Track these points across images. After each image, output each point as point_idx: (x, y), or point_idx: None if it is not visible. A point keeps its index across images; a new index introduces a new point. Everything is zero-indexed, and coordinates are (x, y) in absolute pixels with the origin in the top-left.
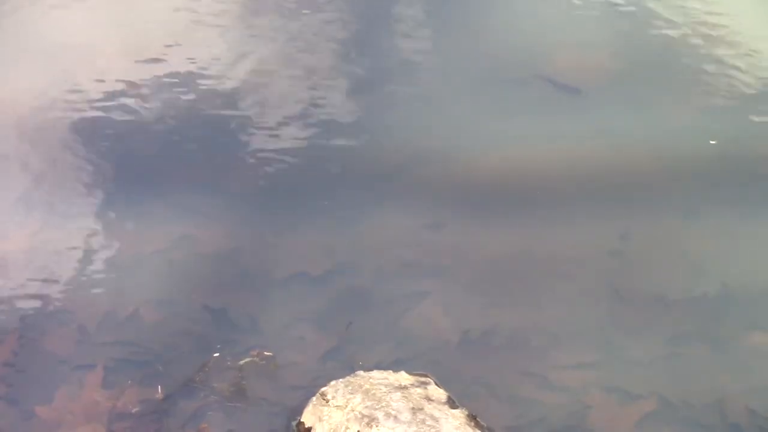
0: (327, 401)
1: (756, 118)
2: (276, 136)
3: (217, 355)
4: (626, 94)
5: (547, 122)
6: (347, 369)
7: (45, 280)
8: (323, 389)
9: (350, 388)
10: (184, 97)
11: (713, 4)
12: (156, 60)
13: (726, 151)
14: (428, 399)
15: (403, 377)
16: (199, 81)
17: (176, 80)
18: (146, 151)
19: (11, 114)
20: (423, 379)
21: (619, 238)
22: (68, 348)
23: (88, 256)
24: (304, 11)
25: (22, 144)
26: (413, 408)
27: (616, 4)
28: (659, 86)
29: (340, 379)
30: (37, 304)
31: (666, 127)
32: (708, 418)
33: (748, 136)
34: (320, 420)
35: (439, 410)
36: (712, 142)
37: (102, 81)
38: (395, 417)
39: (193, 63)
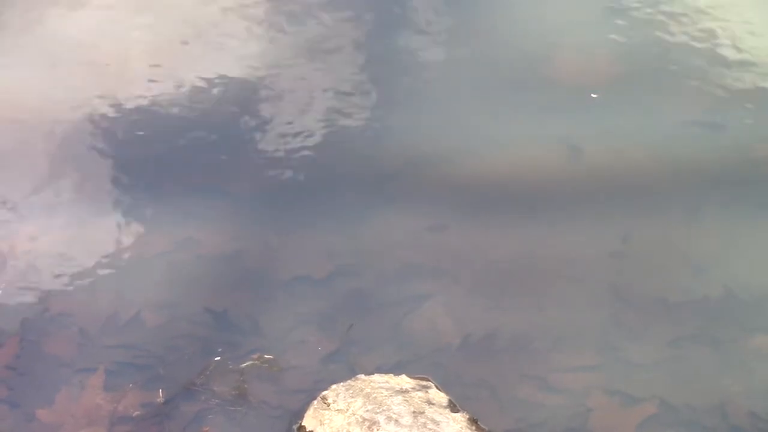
0: (328, 405)
1: (757, 120)
2: (278, 138)
3: (218, 358)
4: (628, 96)
5: (549, 125)
6: (348, 372)
7: (46, 283)
8: (324, 393)
9: (351, 391)
10: (187, 100)
11: (715, 6)
12: (161, 63)
13: (727, 152)
14: (429, 402)
15: (404, 381)
16: (203, 84)
17: (179, 83)
18: (148, 153)
19: (15, 116)
20: (424, 382)
21: (621, 241)
22: (70, 351)
23: (89, 258)
24: (312, 14)
25: (22, 147)
26: (414, 412)
27: (619, 7)
28: (661, 88)
29: (341, 383)
30: (38, 306)
31: (667, 129)
32: (710, 421)
33: (749, 137)
34: (321, 424)
35: (440, 414)
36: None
37: (104, 83)
38: (396, 421)
39: (198, 65)
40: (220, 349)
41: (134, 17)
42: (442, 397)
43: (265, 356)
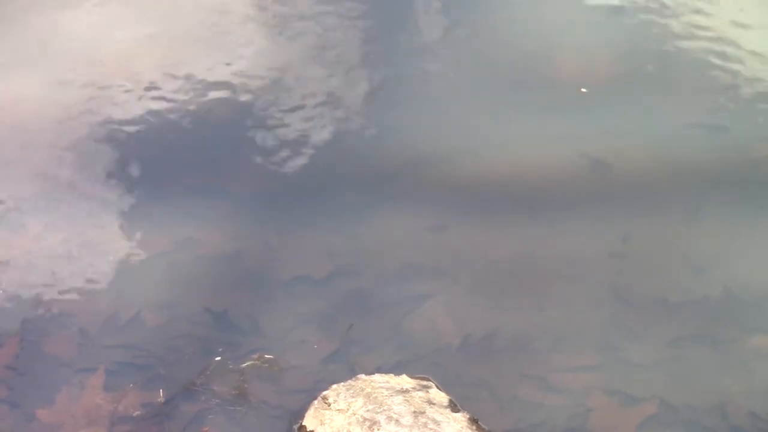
0: (329, 405)
1: (757, 119)
2: (278, 138)
3: (218, 358)
4: (628, 96)
5: (549, 125)
6: (349, 372)
7: (47, 283)
8: (325, 393)
9: (352, 391)
10: (186, 100)
11: (715, 6)
12: (161, 63)
13: (728, 153)
14: (430, 402)
15: (405, 380)
16: (203, 84)
17: (180, 83)
18: (148, 153)
19: (14, 117)
20: (424, 382)
21: (621, 241)
22: (70, 351)
23: (89, 258)
24: (312, 15)
25: (22, 147)
26: (415, 411)
27: (619, 7)
28: (661, 88)
29: (342, 383)
30: (38, 306)
31: (667, 129)
32: (709, 421)
33: (749, 137)
34: (322, 423)
35: (441, 414)
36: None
37: (104, 83)
38: (397, 420)
39: (198, 66)
40: (220, 349)
41: (133, 18)
42: (442, 397)
43: (266, 356)
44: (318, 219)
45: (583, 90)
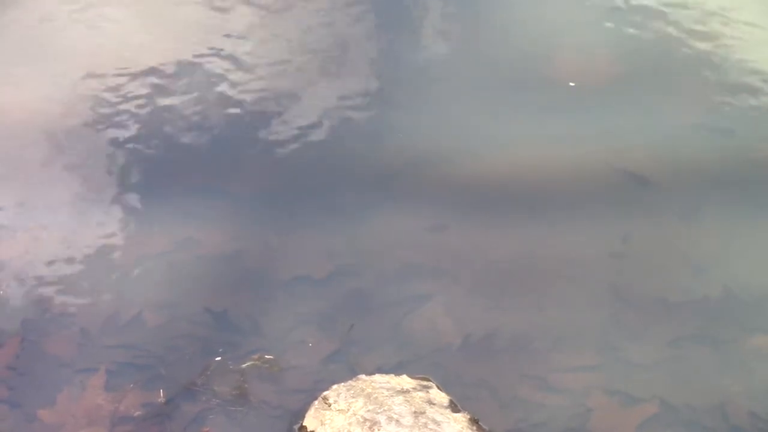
0: (329, 405)
1: (758, 120)
2: (279, 138)
3: (219, 358)
4: (628, 96)
5: (549, 125)
6: (349, 372)
7: (47, 283)
8: (325, 393)
9: (352, 392)
10: (186, 99)
11: (714, 6)
12: (162, 63)
13: (728, 153)
14: (430, 403)
15: (405, 381)
16: (203, 83)
17: (180, 83)
18: (148, 153)
19: (14, 116)
20: (425, 382)
21: (621, 241)
22: (70, 351)
23: (90, 259)
24: (312, 16)
25: (22, 147)
26: (415, 412)
27: (619, 7)
28: (661, 88)
29: (342, 383)
30: (39, 307)
31: (667, 129)
32: (710, 421)
33: (749, 137)
34: (322, 424)
35: (441, 414)
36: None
37: (103, 82)
38: (397, 421)
39: (199, 66)
40: (220, 349)
41: (134, 19)
42: (443, 397)
43: (266, 356)
44: (318, 219)
45: (572, 84)
